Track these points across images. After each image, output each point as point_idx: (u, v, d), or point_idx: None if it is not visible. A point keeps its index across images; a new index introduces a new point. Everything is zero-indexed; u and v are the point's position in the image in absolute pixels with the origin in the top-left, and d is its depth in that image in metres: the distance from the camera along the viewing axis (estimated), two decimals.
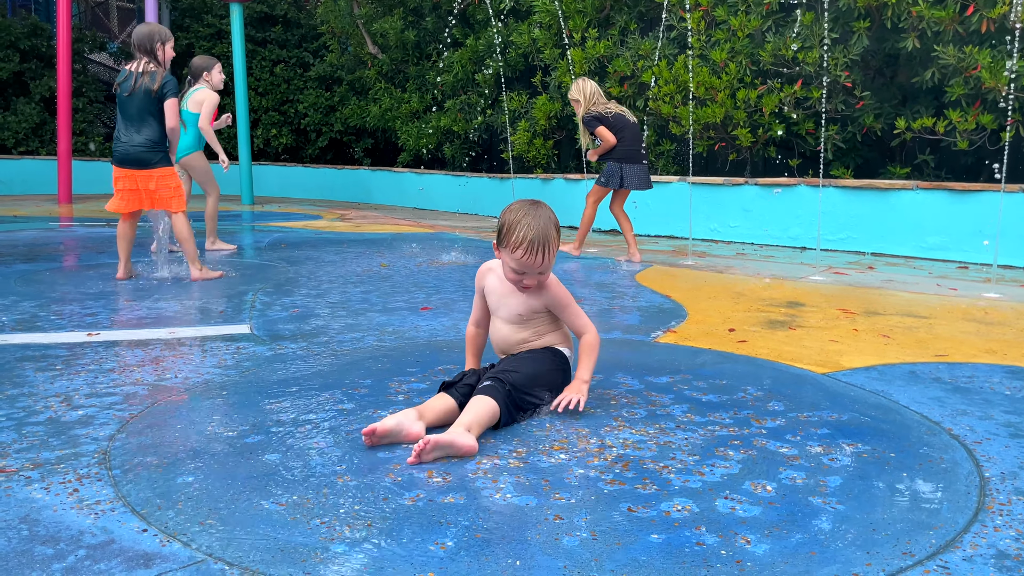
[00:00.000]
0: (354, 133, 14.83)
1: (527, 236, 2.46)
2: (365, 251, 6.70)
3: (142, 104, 4.92)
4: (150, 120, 4.94)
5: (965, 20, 6.35)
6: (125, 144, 4.95)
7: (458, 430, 2.19)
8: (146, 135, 4.94)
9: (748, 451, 2.23)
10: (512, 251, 2.49)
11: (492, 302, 2.69)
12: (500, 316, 2.67)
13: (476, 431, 2.24)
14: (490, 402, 2.33)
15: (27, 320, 3.84)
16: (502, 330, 2.67)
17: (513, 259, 2.50)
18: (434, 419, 2.35)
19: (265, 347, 3.37)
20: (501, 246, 2.55)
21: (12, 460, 2.12)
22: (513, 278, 2.55)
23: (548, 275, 2.57)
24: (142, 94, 4.90)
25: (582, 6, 9.13)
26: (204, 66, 6.69)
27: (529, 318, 2.63)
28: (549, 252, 2.49)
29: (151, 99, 4.92)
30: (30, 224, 8.60)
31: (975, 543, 1.73)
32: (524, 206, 2.54)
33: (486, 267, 2.73)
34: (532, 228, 2.46)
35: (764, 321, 4.03)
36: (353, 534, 1.72)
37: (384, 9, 12.93)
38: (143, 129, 4.94)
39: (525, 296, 2.61)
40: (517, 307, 2.62)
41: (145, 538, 1.71)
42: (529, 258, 2.47)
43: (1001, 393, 2.85)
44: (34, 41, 14.79)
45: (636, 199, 8.64)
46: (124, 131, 4.97)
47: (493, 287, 2.68)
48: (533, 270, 2.51)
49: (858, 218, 7.00)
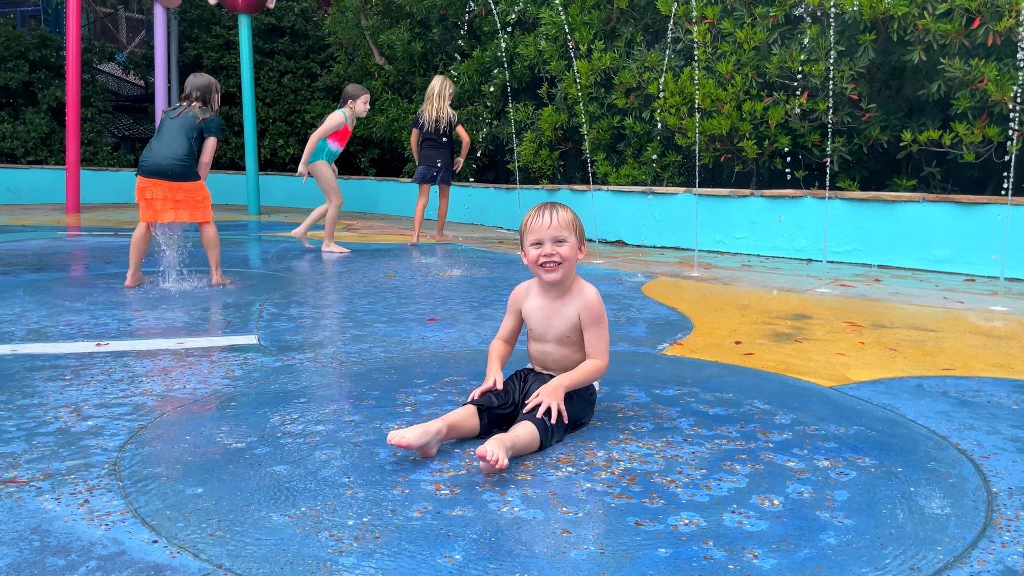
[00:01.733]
0: (360, 143, 14.89)
1: (532, 210, 2.60)
2: (371, 261, 6.73)
3: (185, 124, 5.11)
4: (187, 140, 5.10)
5: (971, 33, 6.37)
6: (156, 155, 5.08)
7: (506, 444, 2.17)
8: (181, 151, 5.08)
9: (755, 465, 2.23)
10: (525, 229, 2.57)
11: (536, 327, 2.65)
12: (549, 339, 2.62)
13: (512, 453, 2.20)
14: (536, 438, 2.29)
15: (36, 330, 3.87)
16: (552, 353, 2.63)
17: (527, 232, 2.57)
18: (456, 436, 2.36)
19: (273, 358, 3.39)
20: (523, 244, 2.61)
21: (23, 470, 2.14)
22: (533, 256, 2.55)
23: (568, 250, 2.53)
24: (189, 117, 5.11)
25: (588, 18, 9.17)
26: (352, 94, 7.39)
27: (576, 340, 2.60)
28: (556, 213, 2.54)
29: (195, 124, 5.11)
30: (39, 233, 8.65)
31: (983, 559, 1.73)
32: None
33: (523, 288, 2.72)
34: (538, 206, 2.59)
35: (770, 334, 4.04)
36: (362, 546, 1.73)
37: (391, 21, 13.01)
38: (179, 146, 5.08)
39: (563, 308, 2.58)
40: (563, 327, 2.59)
41: (155, 549, 1.72)
42: (537, 219, 2.54)
43: (1008, 407, 2.84)
44: (43, 52, 14.91)
45: (637, 210, 8.66)
46: (158, 144, 5.11)
47: (533, 310, 2.65)
48: (548, 235, 2.52)
49: (864, 230, 7.00)
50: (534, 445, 2.28)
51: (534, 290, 2.67)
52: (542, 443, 2.30)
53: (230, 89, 15.41)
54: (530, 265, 2.59)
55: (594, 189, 8.92)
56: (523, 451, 2.25)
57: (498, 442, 2.13)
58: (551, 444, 2.36)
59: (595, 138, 9.16)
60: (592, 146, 9.18)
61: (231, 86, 15.31)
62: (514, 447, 2.20)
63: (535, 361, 2.70)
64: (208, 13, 15.64)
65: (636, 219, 8.62)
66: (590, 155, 9.17)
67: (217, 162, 15.95)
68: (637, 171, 8.80)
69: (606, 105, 9.10)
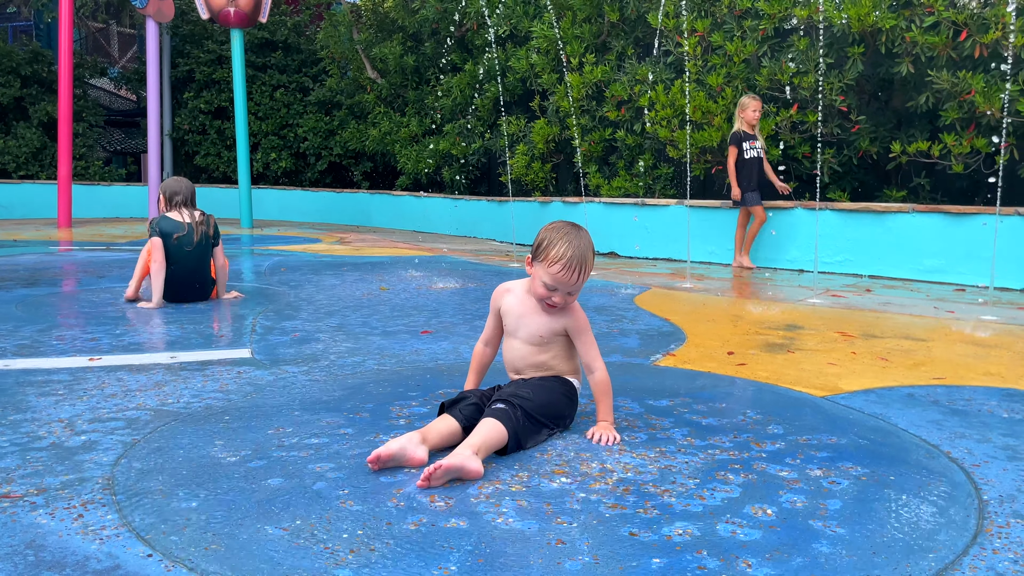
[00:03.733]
0: (353, 157, 14.92)
1: (567, 253, 2.49)
2: (365, 274, 6.73)
3: (204, 252, 5.14)
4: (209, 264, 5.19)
5: (958, 45, 6.44)
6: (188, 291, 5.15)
7: (466, 453, 2.19)
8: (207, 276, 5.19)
9: (748, 475, 2.24)
10: (549, 265, 2.51)
11: (510, 323, 2.68)
12: (519, 337, 2.66)
13: (483, 455, 2.24)
14: (499, 427, 2.33)
15: (29, 345, 3.86)
16: (519, 350, 2.66)
17: (549, 273, 2.51)
18: (438, 442, 2.36)
19: (266, 371, 3.39)
20: (536, 260, 2.56)
21: (16, 486, 2.13)
22: (542, 294, 2.55)
23: (575, 296, 2.59)
24: (205, 240, 5.13)
25: (580, 32, 9.24)
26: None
27: (549, 341, 2.63)
28: (585, 272, 2.52)
29: (210, 244, 5.17)
30: (30, 248, 8.64)
31: (974, 565, 1.75)
32: (567, 225, 2.58)
33: (503, 288, 2.74)
34: (573, 246, 2.50)
35: (763, 344, 4.06)
36: (357, 559, 1.73)
37: (384, 35, 13.06)
38: (203, 275, 5.17)
39: (547, 317, 2.61)
40: (538, 328, 2.62)
41: (150, 563, 1.72)
42: (565, 275, 2.49)
43: (999, 416, 2.86)
44: (35, 67, 14.91)
45: (629, 222, 8.70)
46: (185, 286, 5.11)
47: (511, 307, 2.68)
48: (565, 288, 2.52)
49: (855, 241, 7.04)
50: (502, 437, 2.32)
51: (517, 289, 2.70)
52: (510, 432, 2.33)
53: (223, 103, 15.43)
54: (534, 293, 2.61)
55: (586, 201, 8.95)
56: (494, 447, 2.30)
57: (454, 458, 2.16)
58: (525, 433, 2.39)
59: (587, 151, 9.20)
60: (584, 158, 9.22)
61: (224, 100, 15.33)
62: (482, 447, 2.25)
63: (509, 366, 2.72)
64: (200, 28, 15.68)
65: (628, 231, 8.66)
66: (582, 167, 9.21)
67: (210, 176, 15.97)
68: (629, 183, 8.84)
69: (598, 118, 9.15)
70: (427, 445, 2.30)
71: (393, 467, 2.24)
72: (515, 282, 2.72)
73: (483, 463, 2.22)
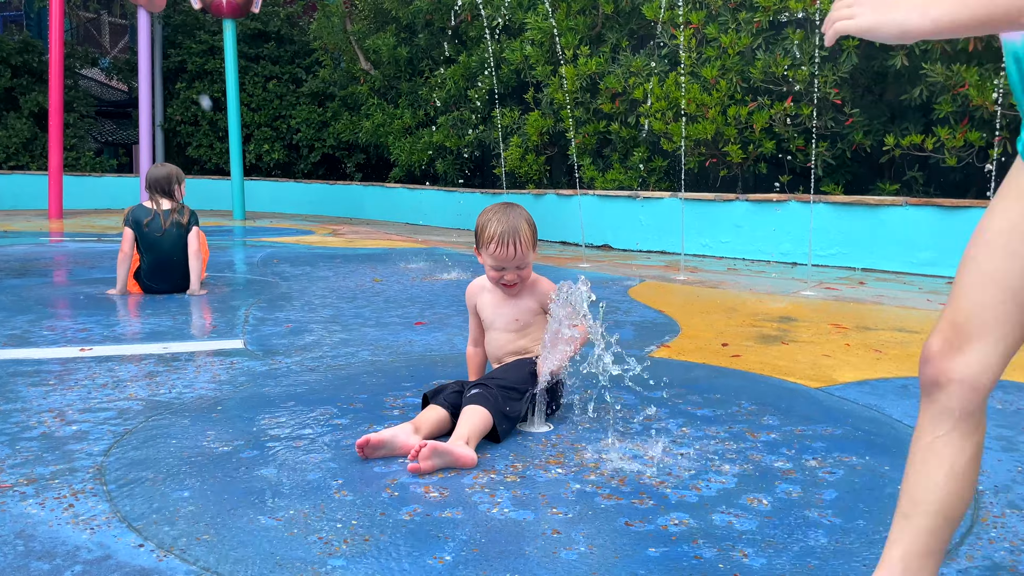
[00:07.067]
0: (346, 149, 14.86)
1: (497, 230, 2.58)
2: (358, 266, 6.71)
3: (176, 240, 5.08)
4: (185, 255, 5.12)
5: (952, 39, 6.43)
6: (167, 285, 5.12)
7: (458, 443, 2.19)
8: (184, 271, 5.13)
9: (744, 465, 2.24)
10: (487, 247, 2.60)
11: (487, 315, 2.75)
12: (497, 327, 2.72)
13: (474, 443, 2.25)
14: (480, 410, 2.34)
15: (19, 335, 3.83)
16: (499, 339, 2.72)
17: (489, 255, 2.61)
18: (429, 431, 2.35)
19: (259, 362, 3.37)
20: (479, 247, 2.66)
21: (6, 475, 2.11)
22: (494, 276, 2.65)
23: (528, 270, 2.65)
24: (176, 228, 5.07)
25: (574, 24, 9.20)
26: None
27: (526, 323, 2.69)
28: (520, 243, 2.58)
29: (183, 232, 5.10)
30: (21, 239, 8.58)
31: (970, 555, 1.75)
32: (496, 207, 2.66)
33: (476, 285, 2.81)
34: (501, 223, 2.58)
35: (757, 336, 4.05)
36: (351, 549, 1.72)
37: (377, 26, 13.01)
38: (182, 265, 5.11)
39: (516, 299, 2.69)
40: (512, 313, 2.69)
41: (142, 553, 1.70)
42: (501, 251, 2.57)
43: (992, 407, 2.86)
44: (25, 57, 14.81)
45: (624, 215, 8.68)
46: (162, 274, 5.09)
47: (485, 302, 2.76)
48: (510, 264, 2.60)
49: (848, 234, 7.05)
50: (485, 418, 2.32)
51: (488, 286, 2.75)
52: (491, 411, 2.34)
53: (215, 95, 15.35)
54: (489, 279, 2.69)
55: (580, 193, 8.94)
56: (482, 430, 2.31)
57: (441, 449, 2.15)
58: (505, 402, 2.39)
59: (581, 143, 9.18)
60: (578, 151, 9.20)
61: (216, 91, 15.25)
62: (471, 435, 2.25)
63: (491, 357, 2.78)
64: (192, 18, 15.59)
65: (622, 223, 8.65)
66: (576, 160, 9.19)
67: (202, 167, 15.89)
68: (623, 176, 8.82)
69: (592, 110, 9.13)
70: (420, 435, 2.30)
71: (384, 455, 2.23)
72: (483, 278, 2.77)
73: (477, 453, 2.22)
